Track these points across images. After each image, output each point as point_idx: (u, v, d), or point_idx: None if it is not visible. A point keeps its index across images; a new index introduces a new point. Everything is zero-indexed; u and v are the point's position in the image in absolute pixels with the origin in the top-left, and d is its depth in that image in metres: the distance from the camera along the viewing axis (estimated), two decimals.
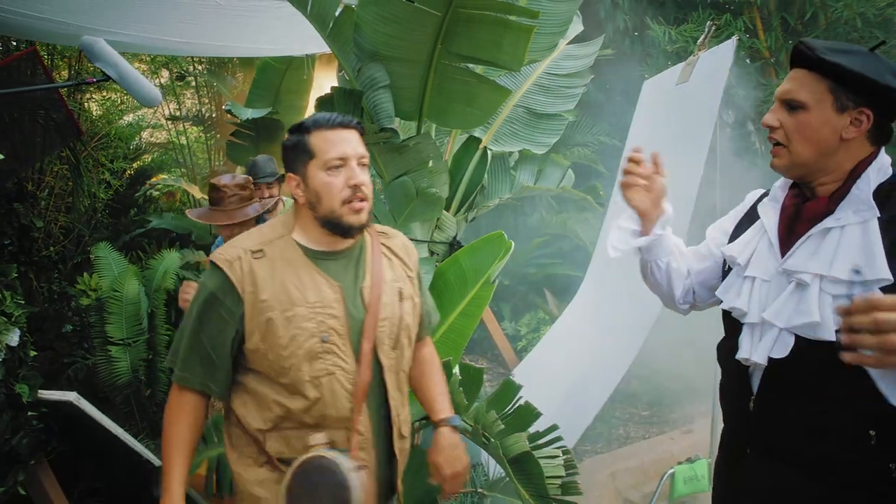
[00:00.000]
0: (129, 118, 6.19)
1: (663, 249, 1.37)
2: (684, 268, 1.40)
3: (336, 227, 1.29)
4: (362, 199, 1.28)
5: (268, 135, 5.00)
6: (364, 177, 1.29)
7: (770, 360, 1.14)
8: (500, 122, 2.71)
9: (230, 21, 3.61)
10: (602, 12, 5.85)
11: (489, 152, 2.68)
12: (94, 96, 5.18)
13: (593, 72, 6.12)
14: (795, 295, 1.14)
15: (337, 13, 2.15)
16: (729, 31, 5.40)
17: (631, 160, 1.33)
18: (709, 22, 3.24)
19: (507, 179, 2.77)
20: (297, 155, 1.30)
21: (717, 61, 2.97)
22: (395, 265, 1.41)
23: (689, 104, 3.26)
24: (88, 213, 4.82)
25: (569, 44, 2.93)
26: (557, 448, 2.09)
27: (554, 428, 2.11)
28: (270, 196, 2.85)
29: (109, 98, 5.48)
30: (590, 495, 3.34)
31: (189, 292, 2.05)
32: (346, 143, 1.28)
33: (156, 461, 2.30)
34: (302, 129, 1.30)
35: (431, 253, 2.54)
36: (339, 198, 1.26)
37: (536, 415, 2.09)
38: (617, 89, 5.82)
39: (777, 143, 1.18)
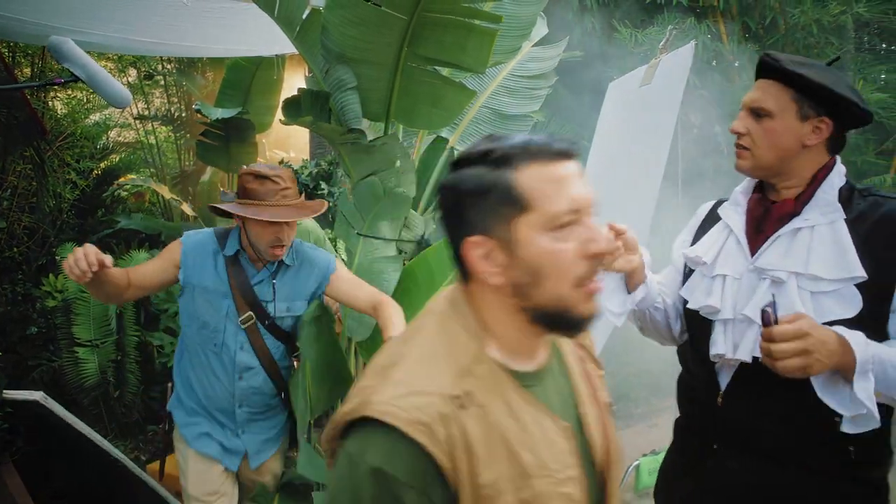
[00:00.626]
0: (95, 117, 6.11)
1: (655, 291, 1.43)
2: (671, 299, 1.45)
3: (560, 322, 0.80)
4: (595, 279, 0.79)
5: (238, 135, 4.98)
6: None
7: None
8: (467, 123, 2.76)
9: (200, 21, 3.61)
10: (570, 14, 5.96)
11: (456, 153, 2.73)
12: (58, 95, 5.10)
13: (562, 74, 6.19)
14: (772, 292, 1.20)
15: (304, 15, 2.18)
16: (693, 35, 5.56)
17: (615, 231, 1.31)
18: (670, 26, 3.34)
19: None
20: (490, 205, 0.78)
21: (677, 64, 3.06)
22: (590, 366, 0.97)
23: (651, 105, 3.36)
24: (54, 213, 4.75)
25: (534, 46, 3.00)
26: None
27: None
28: None
29: (75, 97, 5.40)
30: None
31: (80, 258, 1.50)
32: (576, 183, 0.78)
33: (127, 461, 2.30)
34: (499, 159, 0.78)
35: (400, 251, 2.58)
36: (572, 276, 0.77)
37: None
38: (586, 90, 5.93)
39: (743, 147, 1.27)
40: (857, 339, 1.07)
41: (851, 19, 5.12)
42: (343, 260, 3.51)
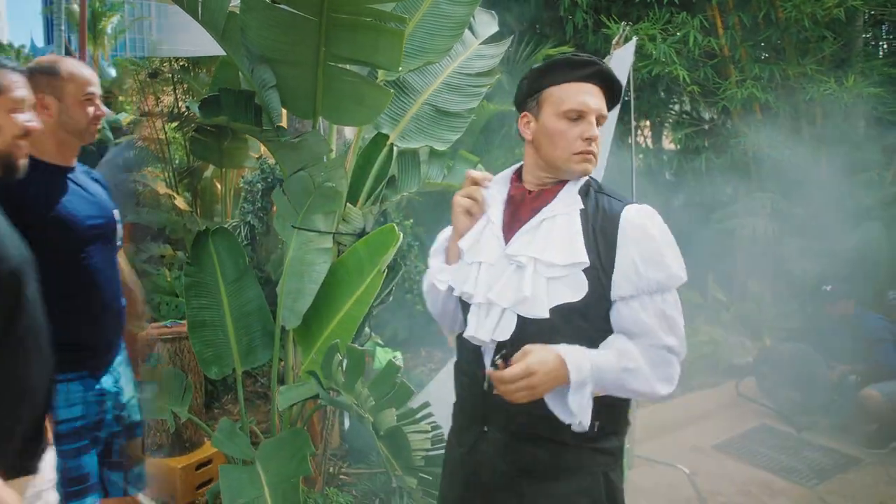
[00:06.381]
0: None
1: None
2: None
3: None
4: None
5: (229, 131, 5.13)
6: None
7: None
8: (408, 120, 2.84)
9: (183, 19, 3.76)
10: (562, 10, 5.96)
11: (395, 148, 2.81)
12: None
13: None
14: (515, 276, 1.27)
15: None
16: (685, 30, 5.50)
17: (475, 183, 1.38)
18: (623, 23, 3.35)
19: (416, 175, 2.91)
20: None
21: (623, 59, 3.09)
22: None
23: None
24: None
25: (481, 44, 3.06)
26: (428, 424, 2.24)
27: (425, 406, 2.26)
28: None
29: None
30: None
31: None
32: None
33: None
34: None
35: (337, 244, 2.68)
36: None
37: (409, 393, 2.23)
38: None
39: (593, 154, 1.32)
40: (575, 359, 1.18)
41: (845, 13, 4.99)
42: None
